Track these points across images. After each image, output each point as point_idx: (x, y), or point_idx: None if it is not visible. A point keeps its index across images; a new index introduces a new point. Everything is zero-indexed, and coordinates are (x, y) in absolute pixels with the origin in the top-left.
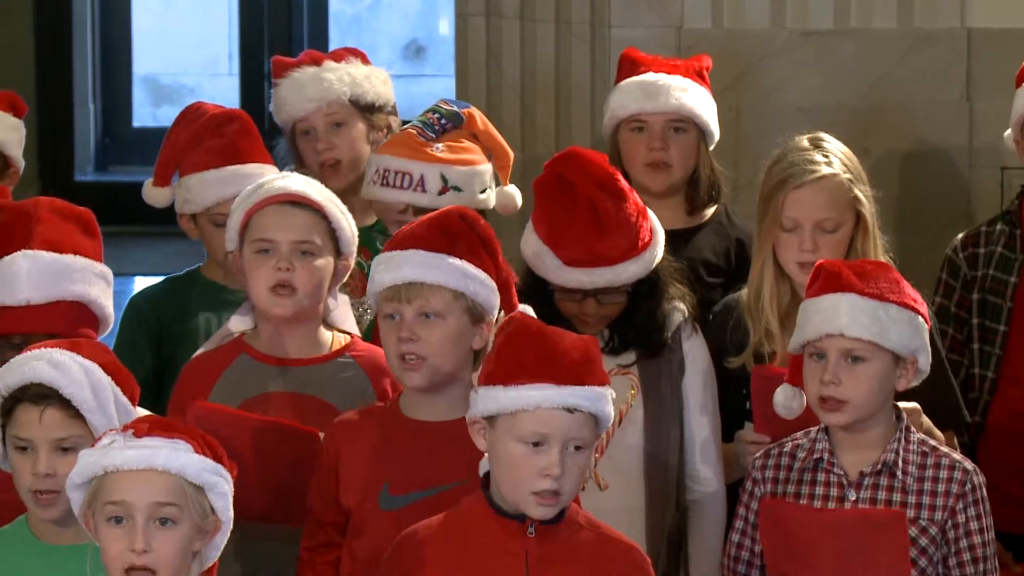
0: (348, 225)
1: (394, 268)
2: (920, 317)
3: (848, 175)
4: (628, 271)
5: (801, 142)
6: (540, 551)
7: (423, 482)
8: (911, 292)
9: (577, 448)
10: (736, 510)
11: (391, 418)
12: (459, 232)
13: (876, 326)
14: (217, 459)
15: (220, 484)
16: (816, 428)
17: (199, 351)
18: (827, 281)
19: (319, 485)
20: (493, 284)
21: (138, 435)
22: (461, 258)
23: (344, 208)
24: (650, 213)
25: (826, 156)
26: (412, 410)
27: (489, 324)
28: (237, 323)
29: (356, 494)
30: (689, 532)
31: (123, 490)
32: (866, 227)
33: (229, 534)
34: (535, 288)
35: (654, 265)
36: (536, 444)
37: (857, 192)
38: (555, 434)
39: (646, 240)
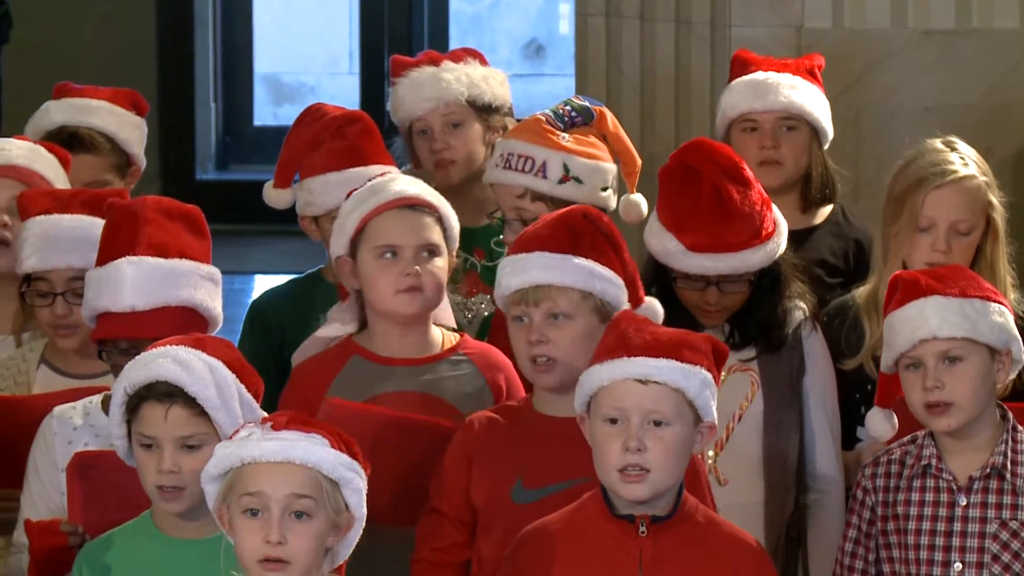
0: (456, 221)
1: (520, 271)
2: (1004, 307)
3: (985, 178)
4: (751, 259)
5: (935, 144)
6: (655, 550)
7: (557, 476)
8: (989, 285)
9: (657, 423)
10: (848, 518)
11: (524, 414)
12: (584, 231)
13: (966, 322)
14: (352, 455)
15: (355, 480)
16: (923, 433)
17: (302, 352)
18: (906, 290)
19: (450, 481)
20: (620, 281)
21: (276, 428)
22: (587, 257)
23: (447, 204)
24: (774, 206)
25: (962, 159)
26: (545, 406)
27: None
28: (332, 331)
29: (487, 489)
30: (808, 529)
31: (260, 481)
32: (996, 233)
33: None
34: (657, 278)
35: (777, 256)
36: (616, 421)
37: (992, 197)
38: (630, 407)
39: (770, 230)
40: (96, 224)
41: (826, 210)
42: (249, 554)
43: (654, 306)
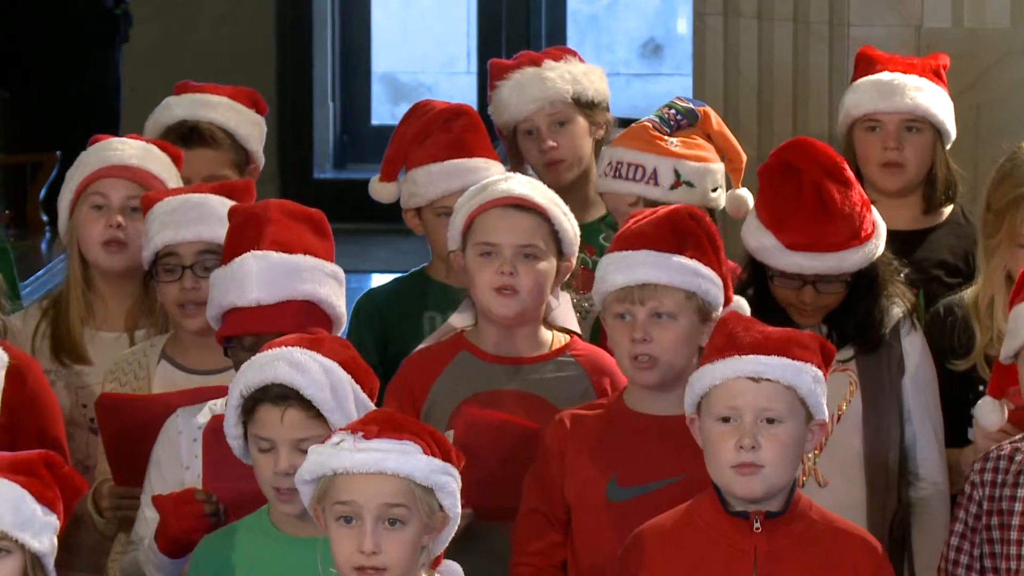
0: (570, 226)
1: (626, 269)
2: None
3: None
4: (849, 260)
5: None
6: (769, 547)
7: (652, 475)
8: None
9: (771, 421)
10: (955, 513)
11: (616, 412)
12: (688, 231)
13: None
14: (446, 457)
15: (449, 483)
16: None
17: (420, 346)
18: None
19: (544, 481)
20: (720, 281)
21: (367, 437)
22: (691, 257)
23: (566, 209)
24: (873, 207)
25: None
26: (638, 404)
27: (715, 320)
28: (459, 320)
29: (580, 487)
30: (913, 530)
31: (353, 491)
32: None
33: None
34: (754, 276)
35: (874, 258)
36: (729, 420)
37: None
38: (743, 405)
39: (868, 231)
40: (225, 203)
41: (946, 210)
42: (344, 561)
43: (741, 305)
